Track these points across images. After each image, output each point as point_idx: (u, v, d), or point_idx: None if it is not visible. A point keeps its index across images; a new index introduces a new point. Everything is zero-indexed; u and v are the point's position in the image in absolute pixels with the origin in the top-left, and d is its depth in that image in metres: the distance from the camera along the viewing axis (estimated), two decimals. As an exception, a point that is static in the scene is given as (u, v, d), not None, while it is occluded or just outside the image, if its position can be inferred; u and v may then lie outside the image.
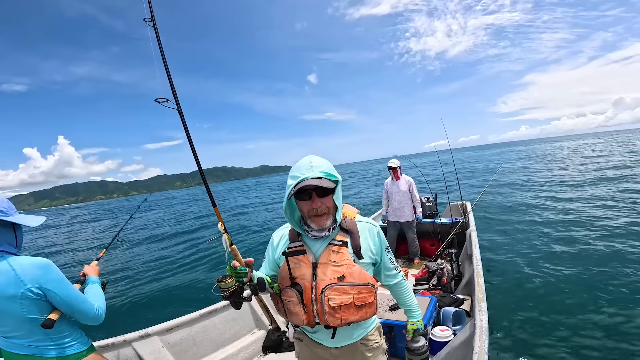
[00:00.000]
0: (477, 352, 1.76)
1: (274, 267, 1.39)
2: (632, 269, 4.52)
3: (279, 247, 1.36)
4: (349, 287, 1.21)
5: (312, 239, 1.28)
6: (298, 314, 1.25)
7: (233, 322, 2.99)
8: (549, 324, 3.50)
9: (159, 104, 1.29)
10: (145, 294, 6.60)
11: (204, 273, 7.58)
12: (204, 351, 2.73)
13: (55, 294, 1.36)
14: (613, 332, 3.24)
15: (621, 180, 12.50)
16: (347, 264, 1.23)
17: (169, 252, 10.38)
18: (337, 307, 1.20)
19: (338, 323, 1.22)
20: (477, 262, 3.11)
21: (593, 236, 6.29)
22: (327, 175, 1.16)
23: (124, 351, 2.35)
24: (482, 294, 2.45)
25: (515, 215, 9.00)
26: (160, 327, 2.54)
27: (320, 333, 1.35)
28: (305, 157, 1.21)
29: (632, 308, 3.59)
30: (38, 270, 1.34)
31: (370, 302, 1.25)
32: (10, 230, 1.38)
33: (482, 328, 1.98)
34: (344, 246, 1.25)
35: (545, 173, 18.05)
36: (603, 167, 17.27)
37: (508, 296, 4.18)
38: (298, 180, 1.15)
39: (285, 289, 1.28)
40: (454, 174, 5.28)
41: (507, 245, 6.36)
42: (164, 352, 2.47)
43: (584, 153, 29.65)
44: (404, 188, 4.77)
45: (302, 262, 1.26)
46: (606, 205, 8.78)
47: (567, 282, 4.41)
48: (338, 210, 1.25)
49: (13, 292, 1.29)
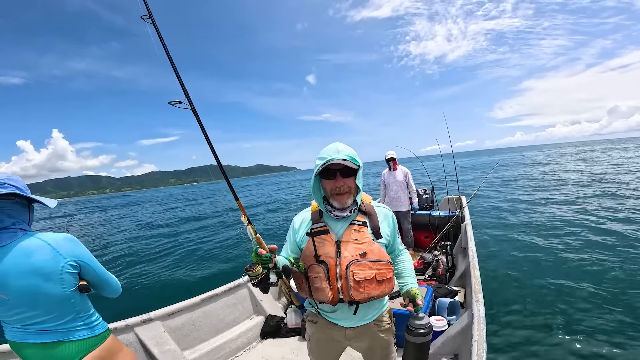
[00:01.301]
0: (476, 339, 1.84)
1: (295, 249, 1.45)
2: (622, 262, 4.73)
3: (300, 229, 1.44)
4: (371, 263, 1.29)
5: (334, 220, 1.37)
6: (324, 289, 1.30)
7: (233, 307, 3.03)
8: (540, 316, 3.64)
9: (173, 106, 1.27)
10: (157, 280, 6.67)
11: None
12: (204, 336, 2.77)
13: (90, 266, 1.38)
14: (605, 325, 3.39)
15: (607, 183, 12.86)
16: (368, 241, 1.32)
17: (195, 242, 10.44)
18: (361, 282, 1.27)
19: (362, 297, 1.29)
20: (472, 254, 3.18)
21: (582, 233, 6.50)
22: (351, 159, 1.26)
23: (126, 336, 2.36)
24: (479, 285, 2.53)
25: (507, 212, 9.21)
26: (162, 312, 2.56)
27: (340, 312, 1.40)
28: (333, 144, 1.31)
29: (622, 300, 3.77)
30: (70, 244, 1.33)
31: (389, 277, 1.34)
32: (26, 209, 1.36)
33: (480, 317, 2.06)
34: (364, 226, 1.35)
35: (539, 175, 18.41)
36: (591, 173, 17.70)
37: (500, 289, 4.33)
38: (325, 161, 1.24)
39: (312, 265, 1.34)
40: (453, 170, 5.38)
41: (499, 240, 6.53)
42: (165, 336, 2.50)
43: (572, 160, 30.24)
44: (400, 178, 4.84)
45: (325, 241, 1.33)
46: (597, 205, 9.04)
47: (556, 276, 4.58)
48: (359, 192, 1.35)
49: (53, 267, 1.26)
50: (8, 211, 1.27)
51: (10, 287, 1.21)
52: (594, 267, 4.78)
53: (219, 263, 7.48)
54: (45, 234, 1.32)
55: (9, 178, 1.28)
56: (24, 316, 1.26)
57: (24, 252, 1.24)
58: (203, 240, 10.42)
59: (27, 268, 1.22)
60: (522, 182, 15.35)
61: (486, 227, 7.62)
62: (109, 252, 10.18)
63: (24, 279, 1.22)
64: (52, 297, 1.26)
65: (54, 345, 1.30)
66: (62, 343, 1.31)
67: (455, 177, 5.32)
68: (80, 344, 1.34)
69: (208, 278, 6.43)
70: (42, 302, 1.26)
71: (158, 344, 2.42)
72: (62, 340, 1.31)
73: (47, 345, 1.29)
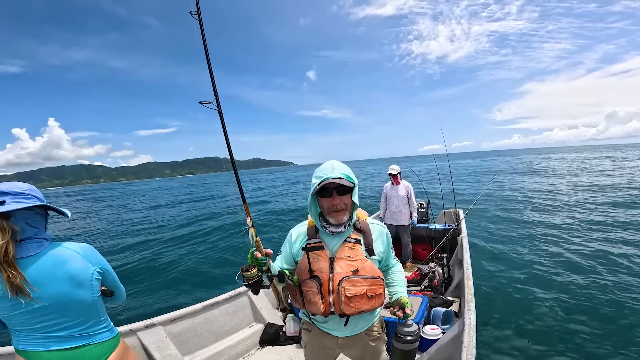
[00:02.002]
0: (466, 346, 1.92)
1: (289, 261, 1.52)
2: (620, 275, 4.78)
3: (296, 243, 1.49)
4: (362, 280, 1.35)
5: (329, 235, 1.42)
6: (317, 303, 1.37)
7: (233, 315, 3.11)
8: (531, 325, 3.71)
9: (202, 105, 1.34)
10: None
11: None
12: (205, 342, 2.84)
13: (110, 273, 1.46)
14: (596, 330, 3.45)
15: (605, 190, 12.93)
16: (361, 259, 1.38)
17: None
18: (352, 297, 1.34)
19: (352, 311, 1.36)
20: (467, 266, 3.27)
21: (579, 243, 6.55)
22: (346, 177, 1.32)
23: (129, 340, 2.43)
24: (472, 295, 2.61)
25: (504, 223, 9.26)
26: (164, 318, 2.65)
27: (332, 323, 1.47)
28: (329, 162, 1.37)
29: (618, 314, 3.82)
30: (94, 252, 1.41)
31: (380, 293, 1.41)
32: (44, 219, 1.41)
33: (471, 325, 2.14)
34: (358, 243, 1.41)
35: (532, 184, 18.49)
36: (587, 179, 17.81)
37: (493, 299, 4.39)
38: (321, 180, 1.30)
39: (305, 280, 1.40)
40: (449, 181, 5.51)
41: (494, 253, 6.58)
42: (167, 342, 2.57)
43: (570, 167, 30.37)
44: (402, 193, 4.95)
45: (320, 257, 1.39)
46: (592, 214, 9.11)
47: (551, 287, 4.63)
48: (355, 208, 1.40)
49: (85, 274, 1.32)
50: (31, 221, 1.32)
51: (45, 294, 1.25)
52: (589, 278, 4.83)
53: (219, 267, 7.48)
54: (70, 244, 1.38)
55: (32, 189, 1.34)
56: (51, 323, 1.29)
57: (56, 261, 1.29)
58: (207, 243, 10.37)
59: (62, 276, 1.28)
60: (517, 192, 15.38)
61: (482, 239, 7.68)
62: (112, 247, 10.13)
63: (59, 286, 1.27)
64: (83, 302, 1.32)
65: (78, 350, 1.33)
66: (87, 346, 1.35)
67: (452, 190, 5.45)
68: (103, 346, 1.40)
69: (208, 282, 6.44)
70: (73, 308, 1.31)
71: (160, 349, 2.50)
72: (87, 343, 1.35)
73: (71, 350, 1.32)
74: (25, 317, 1.26)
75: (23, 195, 1.27)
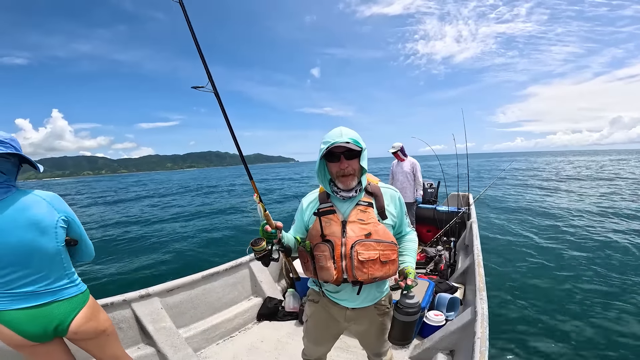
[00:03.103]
0: (479, 337, 1.81)
1: (301, 229, 1.49)
2: (624, 266, 4.66)
3: (308, 210, 1.48)
4: (375, 244, 1.31)
5: (341, 200, 1.40)
6: (329, 268, 1.32)
7: (232, 287, 3.02)
8: (540, 315, 3.63)
9: (197, 90, 1.28)
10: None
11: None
12: (201, 314, 2.76)
13: (76, 223, 1.42)
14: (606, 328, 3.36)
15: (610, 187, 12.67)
16: (373, 222, 1.34)
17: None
18: (365, 262, 1.29)
19: (365, 278, 1.30)
20: (477, 252, 3.13)
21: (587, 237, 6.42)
22: (354, 142, 1.28)
23: (122, 312, 2.34)
24: (483, 283, 2.48)
25: (511, 213, 9.12)
26: (161, 288, 2.55)
27: (343, 292, 1.43)
28: (336, 128, 1.33)
29: (623, 303, 3.71)
30: (60, 200, 1.38)
31: (393, 259, 1.36)
32: (16, 169, 1.37)
33: (484, 315, 2.02)
34: (370, 207, 1.37)
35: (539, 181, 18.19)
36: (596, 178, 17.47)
37: (501, 288, 4.30)
38: (329, 144, 1.27)
39: (317, 244, 1.36)
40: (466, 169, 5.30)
41: (501, 240, 6.48)
42: (162, 313, 2.48)
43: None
44: (407, 169, 4.77)
45: (332, 221, 1.36)
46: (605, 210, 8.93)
47: (558, 279, 4.54)
48: (363, 174, 1.37)
49: (49, 221, 1.29)
50: (3, 168, 1.29)
51: (5, 241, 1.21)
52: (602, 269, 4.73)
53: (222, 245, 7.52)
54: (37, 191, 1.35)
55: (12, 139, 1.30)
56: (15, 276, 1.24)
57: (20, 207, 1.25)
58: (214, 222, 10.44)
59: (24, 222, 1.24)
60: (530, 182, 15.19)
61: (491, 226, 7.56)
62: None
63: (20, 233, 1.23)
64: (45, 252, 1.28)
65: (46, 307, 1.29)
66: (54, 303, 1.31)
67: (467, 175, 5.24)
68: (70, 302, 1.36)
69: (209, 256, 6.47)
70: (36, 258, 1.26)
71: (154, 321, 2.41)
72: (53, 300, 1.31)
73: (38, 308, 1.28)
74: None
75: (2, 142, 1.26)
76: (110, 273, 5.86)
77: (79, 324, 1.37)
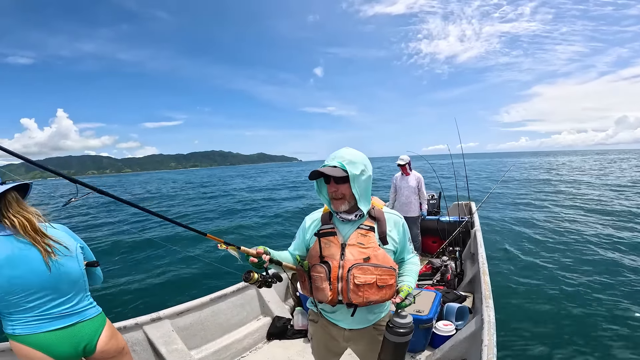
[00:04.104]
0: (486, 344, 1.82)
1: (302, 247, 1.51)
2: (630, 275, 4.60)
3: (310, 229, 1.48)
4: (373, 268, 1.30)
5: (342, 222, 1.40)
6: (324, 289, 1.33)
7: (240, 307, 3.05)
8: (547, 322, 3.59)
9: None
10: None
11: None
12: (212, 336, 2.78)
13: (88, 250, 1.51)
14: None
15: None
16: (373, 247, 1.33)
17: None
18: (361, 285, 1.29)
19: (360, 301, 1.30)
20: (482, 260, 3.15)
21: (595, 243, 6.36)
22: (341, 166, 1.29)
23: (135, 334, 2.38)
24: (489, 291, 2.50)
25: (517, 219, 9.07)
26: (171, 311, 2.59)
27: (339, 313, 1.43)
28: (342, 148, 1.36)
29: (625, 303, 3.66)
30: (70, 231, 1.47)
31: (391, 284, 1.34)
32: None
33: (490, 323, 2.03)
34: (371, 231, 1.36)
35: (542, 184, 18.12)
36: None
37: (508, 296, 4.26)
38: (321, 166, 1.32)
39: (314, 265, 1.38)
40: (464, 175, 5.34)
41: (506, 247, 6.43)
42: (173, 336, 2.51)
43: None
44: (413, 184, 4.80)
45: (332, 243, 1.36)
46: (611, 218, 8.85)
47: (567, 286, 4.49)
48: (359, 199, 1.33)
49: (72, 247, 1.38)
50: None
51: (35, 269, 1.26)
52: (609, 277, 4.67)
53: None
54: (51, 223, 1.40)
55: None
56: (44, 300, 1.29)
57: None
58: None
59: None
60: (535, 188, 15.12)
61: (495, 234, 7.52)
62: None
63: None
64: (72, 275, 1.36)
65: (74, 327, 1.35)
66: (80, 323, 1.37)
67: (465, 182, 5.29)
68: (94, 322, 1.42)
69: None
70: (64, 281, 1.33)
71: (166, 343, 2.44)
72: (79, 320, 1.37)
73: (67, 329, 1.33)
74: (19, 297, 1.25)
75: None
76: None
77: (104, 342, 1.43)
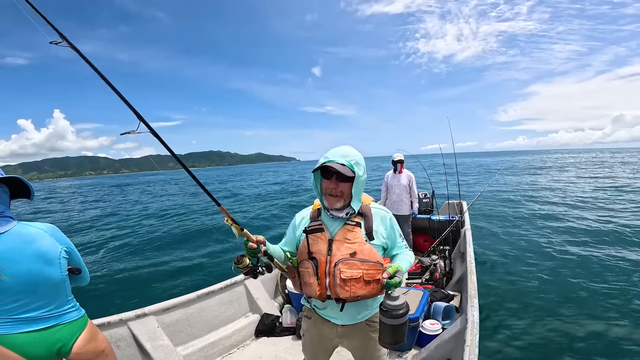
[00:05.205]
0: (468, 345, 1.83)
1: (291, 244, 1.54)
2: (617, 271, 4.68)
3: (299, 227, 1.51)
4: (359, 263, 1.32)
5: (331, 218, 1.42)
6: (312, 285, 1.38)
7: (228, 304, 3.04)
8: (534, 322, 3.62)
9: (133, 134, 1.23)
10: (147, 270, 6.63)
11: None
12: (198, 332, 2.77)
13: (75, 253, 1.48)
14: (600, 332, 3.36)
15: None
16: (359, 242, 1.35)
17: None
18: (348, 280, 1.31)
19: (347, 295, 1.33)
20: (470, 260, 3.17)
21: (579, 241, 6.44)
22: (350, 166, 1.31)
23: (119, 330, 2.36)
24: (475, 291, 2.51)
25: (506, 218, 9.15)
26: (157, 307, 2.57)
27: (330, 309, 1.45)
28: (343, 146, 1.37)
29: (616, 306, 3.72)
30: (60, 233, 1.43)
31: (378, 278, 1.34)
32: (7, 195, 1.37)
33: (474, 322, 2.05)
34: (358, 226, 1.39)
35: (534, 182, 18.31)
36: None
37: (496, 295, 4.30)
38: (326, 161, 1.32)
39: (302, 261, 1.42)
40: (455, 173, 5.36)
41: (497, 246, 6.49)
42: (159, 332, 2.49)
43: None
44: (404, 182, 4.81)
45: (319, 239, 1.39)
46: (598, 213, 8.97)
47: (552, 283, 4.54)
48: (354, 199, 1.36)
49: (54, 253, 1.34)
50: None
51: (14, 272, 1.25)
52: (598, 272, 4.75)
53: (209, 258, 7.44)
54: (36, 224, 1.38)
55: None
56: (20, 303, 1.28)
57: (25, 240, 1.30)
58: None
59: (31, 253, 1.29)
60: (524, 188, 15.27)
61: (485, 233, 7.58)
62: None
63: (28, 264, 1.27)
64: (51, 281, 1.33)
65: (49, 330, 1.34)
66: (57, 326, 1.36)
67: (456, 181, 5.31)
68: (72, 325, 1.40)
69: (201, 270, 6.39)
70: (42, 286, 1.31)
71: (151, 339, 2.42)
72: (56, 323, 1.36)
73: (42, 331, 1.32)
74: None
75: None
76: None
77: (80, 346, 1.41)
